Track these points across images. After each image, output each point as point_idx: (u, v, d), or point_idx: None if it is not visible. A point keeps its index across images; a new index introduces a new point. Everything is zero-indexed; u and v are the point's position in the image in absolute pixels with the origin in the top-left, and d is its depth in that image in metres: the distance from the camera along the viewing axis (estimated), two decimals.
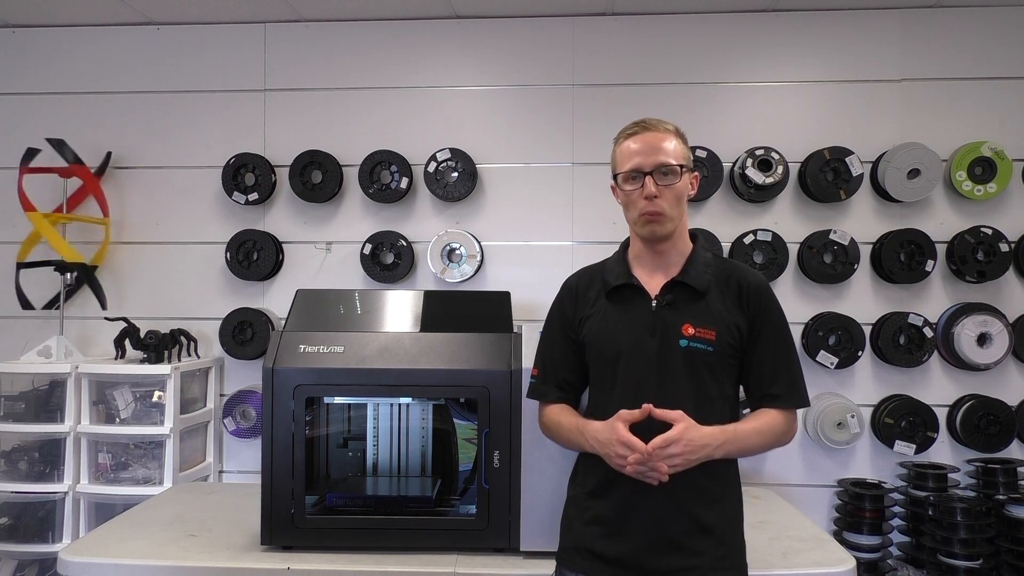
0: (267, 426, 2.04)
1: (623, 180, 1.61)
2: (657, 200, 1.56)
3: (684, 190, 1.61)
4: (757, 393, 1.61)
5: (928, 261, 2.98)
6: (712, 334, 1.55)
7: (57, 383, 2.95)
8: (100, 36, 3.32)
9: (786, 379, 1.59)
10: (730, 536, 1.57)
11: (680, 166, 1.58)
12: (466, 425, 2.22)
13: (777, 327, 1.60)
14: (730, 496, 1.60)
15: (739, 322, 1.57)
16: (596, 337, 1.62)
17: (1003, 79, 3.09)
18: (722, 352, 1.55)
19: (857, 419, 2.96)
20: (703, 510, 1.53)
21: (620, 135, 1.66)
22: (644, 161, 1.58)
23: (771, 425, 1.56)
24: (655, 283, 1.61)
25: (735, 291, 1.60)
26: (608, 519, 1.56)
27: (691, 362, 1.54)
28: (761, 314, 1.59)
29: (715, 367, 1.55)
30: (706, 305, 1.58)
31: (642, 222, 1.59)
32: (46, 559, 2.95)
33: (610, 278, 1.66)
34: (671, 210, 1.58)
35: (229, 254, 3.19)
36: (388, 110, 3.24)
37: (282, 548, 2.04)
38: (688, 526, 1.52)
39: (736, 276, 1.62)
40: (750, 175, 3.01)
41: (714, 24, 3.16)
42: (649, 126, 1.60)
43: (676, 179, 1.58)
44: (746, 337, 1.58)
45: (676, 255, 1.63)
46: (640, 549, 1.53)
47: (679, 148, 1.60)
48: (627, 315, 1.61)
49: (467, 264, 3.13)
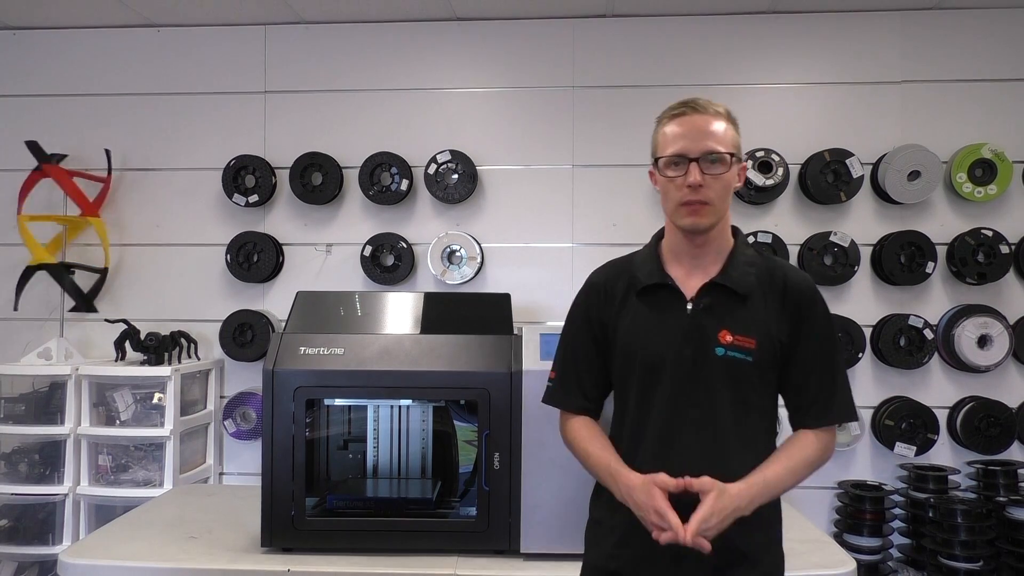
0: (267, 428, 2.04)
1: (664, 165, 1.43)
2: (702, 189, 1.40)
3: (732, 181, 1.44)
4: (796, 405, 1.48)
5: (928, 263, 2.98)
6: (752, 342, 1.41)
7: (57, 385, 2.95)
8: (101, 38, 3.32)
9: (829, 391, 1.45)
10: (766, 557, 1.47)
11: (730, 154, 1.41)
12: (466, 427, 2.21)
13: (822, 334, 1.46)
14: (768, 517, 1.48)
15: (781, 327, 1.44)
16: (626, 342, 1.48)
17: (1003, 81, 3.09)
18: (762, 361, 1.42)
19: (857, 421, 2.96)
20: (738, 535, 1.39)
21: (664, 115, 1.48)
22: (690, 146, 1.40)
23: (804, 457, 1.44)
24: (692, 284, 1.47)
25: (779, 292, 1.45)
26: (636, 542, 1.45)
27: (729, 372, 1.40)
28: (805, 318, 1.45)
29: (755, 378, 1.42)
30: (747, 310, 1.43)
31: (683, 212, 1.42)
32: (46, 561, 2.94)
33: (641, 275, 1.50)
34: (717, 201, 1.42)
35: (229, 256, 3.19)
36: (388, 112, 3.25)
37: (282, 550, 2.03)
38: (724, 554, 1.40)
39: (781, 276, 1.47)
40: (750, 177, 3.01)
41: (714, 26, 3.17)
42: (698, 107, 1.43)
43: (724, 168, 1.41)
44: (787, 344, 1.44)
45: (716, 252, 1.48)
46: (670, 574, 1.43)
47: (729, 134, 1.43)
48: (659, 319, 1.46)
49: (467, 266, 3.14)
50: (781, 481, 1.42)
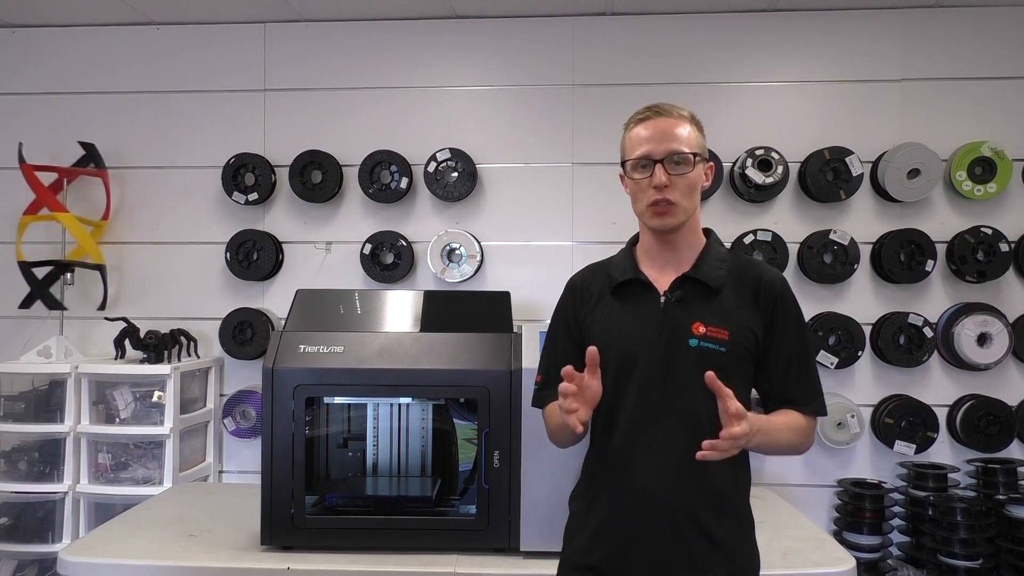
0: (267, 426, 2.04)
1: (632, 168, 1.49)
2: (667, 189, 1.45)
3: (698, 180, 1.49)
4: (772, 399, 1.52)
5: (928, 261, 2.98)
6: (725, 334, 1.45)
7: (57, 383, 2.95)
8: (100, 36, 3.32)
9: (805, 386, 1.49)
10: (739, 550, 1.48)
11: (694, 154, 1.46)
12: (466, 425, 2.22)
13: (795, 329, 1.50)
14: (741, 509, 1.51)
15: (754, 322, 1.48)
16: (600, 337, 1.51)
17: (1003, 79, 3.09)
18: (735, 353, 1.45)
19: (857, 419, 2.96)
20: (714, 524, 1.43)
21: (631, 120, 1.53)
22: (655, 148, 1.45)
23: (798, 423, 1.47)
24: (665, 279, 1.51)
25: (751, 289, 1.49)
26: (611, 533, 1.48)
27: (702, 364, 1.42)
28: (778, 314, 1.49)
29: (728, 369, 1.42)
30: (719, 303, 1.47)
31: (650, 213, 1.48)
32: (46, 559, 2.94)
33: (616, 273, 1.56)
34: (683, 201, 1.46)
35: (229, 254, 3.19)
36: (388, 110, 3.24)
37: (282, 548, 2.04)
38: (698, 540, 1.43)
39: (753, 273, 1.52)
40: (750, 175, 3.01)
41: (714, 24, 3.16)
42: (662, 111, 1.48)
43: (689, 168, 1.46)
44: (761, 339, 1.48)
45: (688, 249, 1.53)
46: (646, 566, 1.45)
47: (693, 135, 1.48)
48: (633, 313, 1.51)
49: (467, 264, 3.13)
50: (779, 432, 1.44)
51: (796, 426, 1.48)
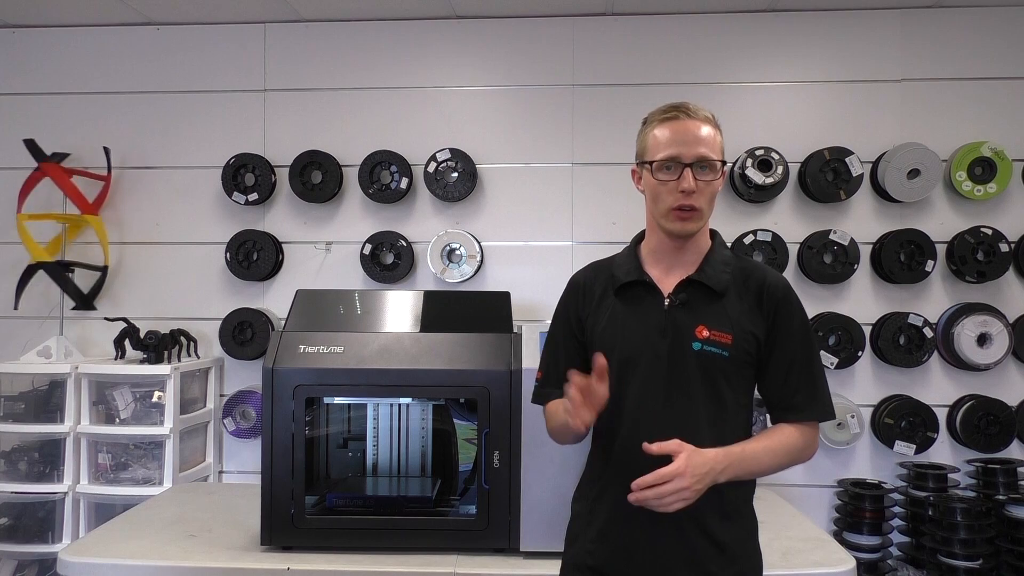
0: (267, 426, 2.04)
1: (657, 168, 1.45)
2: (694, 195, 1.43)
3: (719, 188, 1.49)
4: (776, 404, 1.50)
5: (928, 261, 2.98)
6: (728, 338, 1.44)
7: (57, 383, 2.95)
8: (100, 36, 3.32)
9: (808, 390, 1.47)
10: (742, 553, 1.48)
11: (720, 162, 1.45)
12: (466, 425, 2.22)
13: (799, 333, 1.48)
14: (745, 512, 1.50)
15: (757, 326, 1.46)
16: (603, 338, 1.50)
17: (1003, 79, 3.09)
18: (738, 357, 1.45)
19: (857, 419, 2.96)
20: (717, 526, 1.43)
21: (653, 117, 1.49)
22: (684, 152, 1.43)
23: (785, 443, 1.45)
24: (669, 282, 1.50)
25: (755, 293, 1.49)
26: (614, 535, 1.48)
27: (705, 367, 1.43)
28: (781, 318, 1.47)
29: (731, 373, 1.44)
30: (723, 307, 1.47)
31: (673, 217, 1.45)
32: (46, 559, 2.94)
33: (620, 274, 1.54)
34: (706, 207, 1.46)
35: (229, 254, 3.19)
36: (388, 110, 3.24)
37: (282, 548, 2.04)
38: (701, 543, 1.43)
39: (756, 277, 1.50)
40: (750, 175, 3.01)
41: (714, 24, 3.16)
42: (689, 112, 1.45)
43: (715, 176, 1.45)
44: (764, 342, 1.47)
45: (694, 252, 1.52)
46: (649, 568, 1.44)
47: (718, 140, 1.47)
48: (637, 315, 1.49)
49: (467, 264, 3.13)
50: (758, 458, 1.42)
51: (783, 447, 1.45)
